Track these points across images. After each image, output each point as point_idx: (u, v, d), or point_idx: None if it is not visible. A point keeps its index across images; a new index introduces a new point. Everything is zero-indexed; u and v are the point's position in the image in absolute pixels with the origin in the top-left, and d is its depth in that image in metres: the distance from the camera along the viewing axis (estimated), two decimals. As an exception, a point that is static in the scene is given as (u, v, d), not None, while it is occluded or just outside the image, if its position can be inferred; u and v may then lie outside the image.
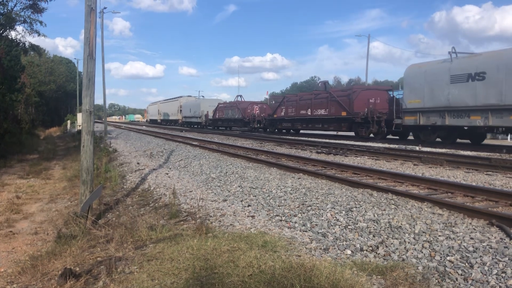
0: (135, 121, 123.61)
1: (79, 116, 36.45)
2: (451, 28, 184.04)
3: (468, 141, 20.18)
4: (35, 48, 28.40)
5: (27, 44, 26.86)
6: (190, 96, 68.80)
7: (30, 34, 26.04)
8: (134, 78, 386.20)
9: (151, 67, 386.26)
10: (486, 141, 21.82)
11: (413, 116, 20.49)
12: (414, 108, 20.37)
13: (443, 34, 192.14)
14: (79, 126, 34.93)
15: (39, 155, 22.12)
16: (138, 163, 15.05)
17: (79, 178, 9.27)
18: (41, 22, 25.58)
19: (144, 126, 60.77)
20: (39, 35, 26.12)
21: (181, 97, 65.93)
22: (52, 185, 13.44)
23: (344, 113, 25.68)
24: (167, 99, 74.23)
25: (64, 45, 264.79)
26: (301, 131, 34.31)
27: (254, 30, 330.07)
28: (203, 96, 62.70)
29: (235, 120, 43.14)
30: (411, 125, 20.99)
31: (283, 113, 33.35)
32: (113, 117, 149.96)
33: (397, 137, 24.32)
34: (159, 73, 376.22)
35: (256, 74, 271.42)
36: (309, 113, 29.40)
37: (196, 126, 55.94)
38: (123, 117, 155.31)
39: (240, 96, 48.06)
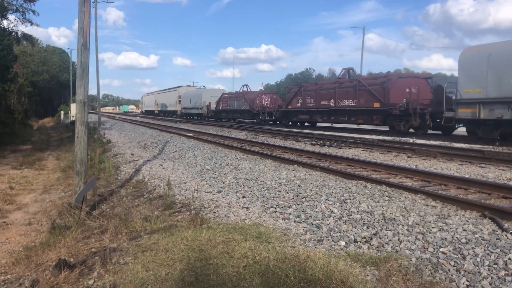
0: (129, 112, 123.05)
1: (73, 106, 36.29)
2: (445, 20, 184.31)
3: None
4: (27, 37, 28.16)
5: (19, 33, 26.62)
6: (190, 86, 65.07)
7: (22, 23, 25.82)
8: (128, 69, 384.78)
9: (145, 58, 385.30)
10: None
11: (471, 109, 17.28)
12: (473, 99, 17.12)
13: (438, 26, 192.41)
14: (73, 116, 34.76)
15: (33, 145, 21.99)
16: (132, 154, 15.01)
17: (73, 169, 9.23)
18: (33, 11, 25.36)
19: (138, 117, 60.16)
20: (31, 24, 25.90)
21: (180, 87, 62.26)
22: (46, 175, 13.38)
23: (377, 104, 22.37)
24: (165, 89, 70.12)
25: (57, 35, 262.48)
26: (317, 124, 31.38)
27: (248, 21, 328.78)
28: (203, 86, 58.20)
29: (241, 112, 39.95)
30: (467, 119, 17.70)
31: (299, 104, 30.10)
32: (107, 107, 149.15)
33: (439, 132, 21.06)
34: (153, 63, 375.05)
35: (251, 65, 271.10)
36: (332, 104, 26.11)
37: (196, 118, 52.61)
38: (117, 107, 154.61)
39: (246, 86, 43.49)
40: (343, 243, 5.16)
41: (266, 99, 37.40)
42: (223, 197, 7.73)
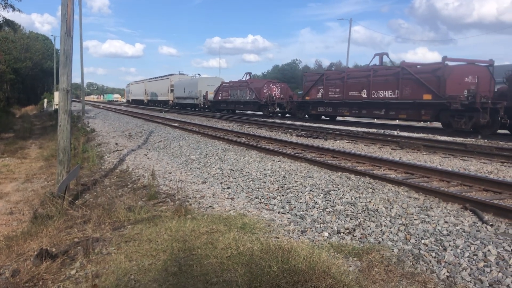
0: (113, 100, 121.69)
1: (56, 94, 35.70)
2: (431, 14, 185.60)
3: None
4: (9, 23, 27.55)
5: (1, 19, 26.01)
6: (183, 74, 59.18)
7: (4, 9, 25.16)
8: (112, 57, 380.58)
9: (130, 46, 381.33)
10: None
11: None
12: None
13: (423, 20, 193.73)
14: (56, 105, 34.25)
15: (15, 134, 21.66)
16: (116, 144, 14.88)
17: (56, 158, 9.12)
18: (15, -3, 24.74)
19: (123, 106, 59.32)
20: (14, 10, 25.29)
21: (172, 74, 57.45)
22: (28, 164, 13.20)
23: (427, 96, 18.49)
24: (156, 77, 64.90)
25: (40, 22, 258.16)
26: (337, 118, 28.19)
27: (235, 11, 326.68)
28: (199, 74, 52.25)
29: (245, 103, 36.06)
30: None
31: (320, 94, 26.24)
32: (91, 96, 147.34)
33: (507, 132, 17.86)
34: (138, 52, 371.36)
35: (237, 56, 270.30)
36: (365, 95, 22.23)
37: (190, 108, 49.07)
38: (102, 96, 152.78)
39: (249, 73, 39.64)
40: (326, 234, 5.20)
41: (274, 89, 33.41)
42: (208, 188, 7.72)
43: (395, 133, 17.32)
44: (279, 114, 33.07)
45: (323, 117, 28.86)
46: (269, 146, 12.60)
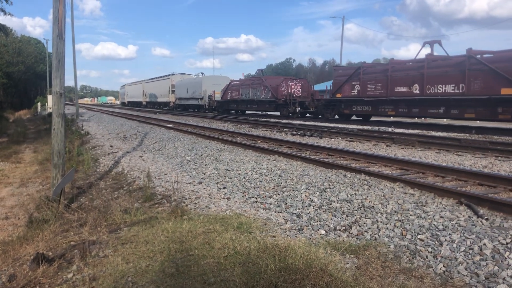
0: (107, 103, 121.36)
1: (49, 98, 35.53)
2: (422, 10, 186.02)
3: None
4: (1, 27, 27.48)
5: (-8, 23, 25.88)
6: (184, 73, 55.83)
7: (-5, 13, 25.09)
8: (105, 59, 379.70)
9: (123, 48, 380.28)
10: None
11: None
12: None
13: (415, 16, 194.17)
14: (50, 108, 34.11)
15: (8, 138, 21.55)
16: (111, 146, 14.83)
17: (50, 162, 9.08)
18: (6, 0, 24.66)
19: (117, 109, 58.93)
20: (5, 14, 25.28)
21: (173, 74, 54.37)
22: (23, 169, 13.14)
23: (507, 91, 15.46)
24: (155, 78, 61.76)
25: (32, 25, 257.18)
26: (371, 118, 24.89)
27: (228, 11, 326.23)
28: (202, 73, 48.58)
29: (259, 102, 32.55)
30: None
31: (355, 91, 22.94)
32: (85, 99, 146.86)
33: None
34: (131, 54, 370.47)
35: (231, 56, 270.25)
36: (417, 91, 19.11)
37: (193, 110, 46.02)
38: (95, 99, 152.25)
39: (262, 70, 37.05)
40: (323, 232, 5.21)
41: (293, 86, 29.94)
42: (204, 188, 7.71)
43: (390, 129, 17.37)
44: (299, 115, 29.52)
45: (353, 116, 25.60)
46: (264, 145, 12.61)
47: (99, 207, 6.61)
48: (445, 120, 23.57)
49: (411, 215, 5.35)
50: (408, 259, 4.31)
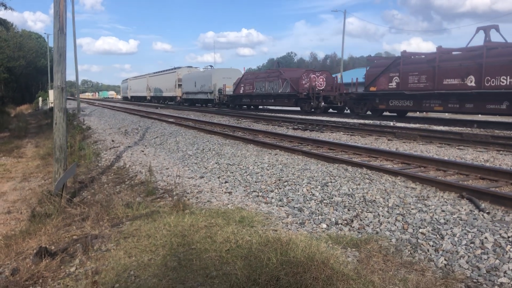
0: (109, 97, 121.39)
1: (51, 93, 35.51)
2: (424, 4, 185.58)
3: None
4: (1, 22, 27.44)
5: (-7, 17, 25.84)
6: (191, 66, 53.63)
7: (-4, 8, 25.05)
8: (107, 54, 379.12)
9: (124, 43, 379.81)
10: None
11: None
12: None
13: (416, 10, 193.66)
14: (51, 103, 34.08)
15: (10, 133, 21.59)
16: (113, 141, 14.85)
17: (52, 156, 9.10)
18: (7, -5, 24.59)
19: (118, 103, 58.71)
20: (5, 8, 25.23)
21: (179, 68, 52.16)
22: (25, 163, 13.17)
23: None
24: (160, 71, 59.46)
25: (33, 20, 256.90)
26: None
27: (229, 5, 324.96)
28: (211, 66, 46.36)
29: (277, 97, 30.24)
30: None
31: (394, 83, 20.57)
32: (86, 93, 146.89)
33: None
34: (132, 48, 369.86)
35: (232, 50, 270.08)
36: (472, 84, 16.83)
37: (201, 105, 43.79)
38: (97, 93, 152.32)
39: (278, 62, 35.37)
40: (324, 226, 5.22)
41: (315, 79, 27.41)
42: (206, 183, 7.73)
43: (392, 124, 17.36)
44: (318, 110, 27.18)
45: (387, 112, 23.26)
46: (265, 139, 12.61)
47: (101, 202, 6.63)
48: (446, 114, 23.36)
49: (412, 209, 5.35)
50: (409, 252, 4.32)
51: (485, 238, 4.30)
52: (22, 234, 5.71)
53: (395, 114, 22.82)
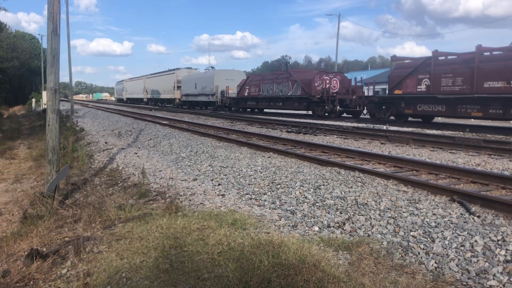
0: (103, 99, 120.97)
1: (44, 94, 35.24)
2: (417, 9, 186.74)
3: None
4: (-5, 22, 27.20)
5: (-14, 18, 25.69)
6: (191, 68, 51.91)
7: (-10, 8, 24.91)
8: (101, 56, 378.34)
9: (118, 44, 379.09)
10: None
11: None
12: None
13: (410, 14, 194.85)
14: (44, 104, 33.86)
15: (3, 134, 21.44)
16: (106, 143, 14.80)
17: (45, 158, 9.06)
18: (1, -4, 24.48)
19: (112, 105, 58.33)
20: (-1, 9, 25.02)
21: (178, 69, 50.37)
22: (17, 165, 13.10)
23: None
24: (158, 73, 57.66)
25: (27, 21, 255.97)
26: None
27: (223, 7, 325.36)
28: (212, 67, 44.34)
29: (286, 100, 28.43)
30: None
31: (423, 86, 18.67)
32: (80, 95, 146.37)
33: None
34: (127, 50, 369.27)
35: (226, 53, 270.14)
36: None
37: (201, 107, 42.30)
38: (91, 95, 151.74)
39: (286, 64, 33.31)
40: (316, 228, 5.24)
41: (327, 81, 25.76)
42: (199, 185, 7.73)
43: (384, 127, 17.43)
44: (331, 114, 25.40)
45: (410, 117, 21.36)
46: (259, 142, 12.63)
47: (93, 203, 6.61)
48: (439, 118, 23.37)
49: (404, 212, 5.39)
50: (400, 255, 4.35)
51: (475, 241, 4.34)
52: (13, 236, 5.67)
53: (419, 119, 21.27)
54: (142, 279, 3.82)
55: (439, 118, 21.16)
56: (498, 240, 4.32)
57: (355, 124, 18.99)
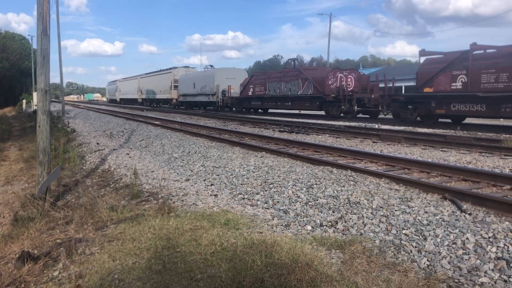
0: (94, 100, 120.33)
1: (35, 95, 34.99)
2: (408, 8, 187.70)
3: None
4: (-16, 23, 26.97)
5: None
6: (188, 67, 50.02)
7: (-21, 9, 24.67)
8: (92, 56, 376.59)
9: (109, 45, 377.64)
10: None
11: None
12: None
13: (401, 14, 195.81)
14: (35, 105, 33.58)
15: (-7, 136, 21.24)
16: (97, 143, 14.73)
17: (36, 159, 8.99)
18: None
19: (104, 106, 57.95)
20: (-12, 10, 24.78)
21: (175, 68, 48.44)
22: (8, 166, 12.98)
23: None
24: (153, 72, 55.59)
25: (17, 21, 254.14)
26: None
27: (215, 7, 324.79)
28: (211, 66, 42.43)
29: (296, 99, 26.74)
30: None
31: (459, 83, 16.93)
32: (71, 96, 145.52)
33: None
34: (118, 50, 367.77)
35: (218, 53, 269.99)
36: None
37: (199, 108, 40.34)
38: (82, 96, 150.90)
39: (294, 61, 31.88)
40: (309, 228, 5.25)
41: (343, 79, 24.05)
42: (191, 185, 7.71)
43: (376, 126, 17.50)
44: (345, 114, 23.77)
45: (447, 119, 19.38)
46: (252, 142, 12.62)
47: (85, 205, 6.57)
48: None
49: (396, 210, 5.41)
50: (393, 253, 4.37)
51: (467, 238, 4.37)
52: (4, 238, 5.62)
53: (449, 120, 19.41)
54: (134, 280, 3.80)
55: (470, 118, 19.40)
56: (489, 237, 4.35)
57: (347, 123, 19.05)
